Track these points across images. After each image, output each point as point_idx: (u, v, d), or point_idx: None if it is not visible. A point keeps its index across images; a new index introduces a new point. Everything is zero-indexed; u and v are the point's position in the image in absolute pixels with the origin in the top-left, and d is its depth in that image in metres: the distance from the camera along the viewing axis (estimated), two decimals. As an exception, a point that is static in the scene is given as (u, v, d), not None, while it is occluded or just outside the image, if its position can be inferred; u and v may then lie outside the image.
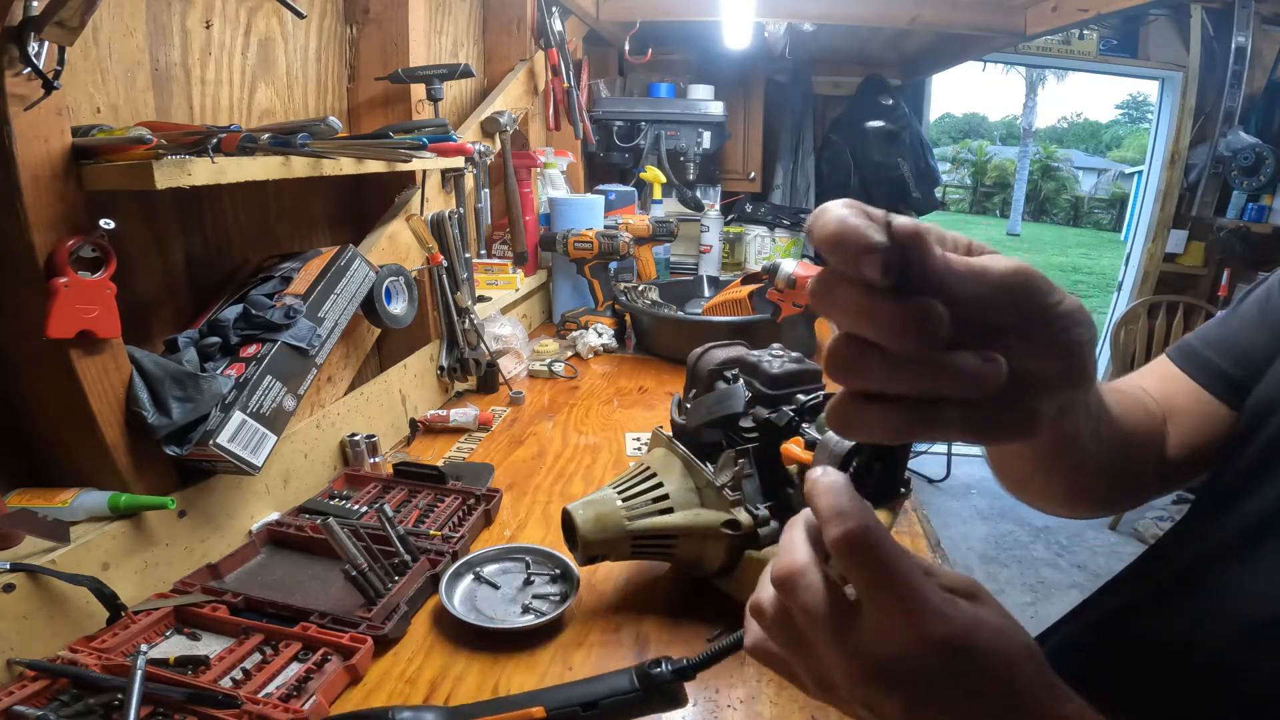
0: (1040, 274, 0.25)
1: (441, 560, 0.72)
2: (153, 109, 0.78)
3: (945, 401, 0.25)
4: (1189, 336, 0.54)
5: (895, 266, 0.22)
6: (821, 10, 2.19)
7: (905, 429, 0.25)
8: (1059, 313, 0.25)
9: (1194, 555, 0.46)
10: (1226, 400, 0.49)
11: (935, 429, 0.25)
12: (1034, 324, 0.25)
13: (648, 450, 0.76)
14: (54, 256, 0.58)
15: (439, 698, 0.58)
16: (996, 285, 0.24)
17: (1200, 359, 0.51)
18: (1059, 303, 0.25)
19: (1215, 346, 0.51)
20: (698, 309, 1.68)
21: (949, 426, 0.25)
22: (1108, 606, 0.54)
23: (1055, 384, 0.28)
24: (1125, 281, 3.44)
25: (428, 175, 1.15)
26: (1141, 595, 0.50)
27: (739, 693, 0.59)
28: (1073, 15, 2.06)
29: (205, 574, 0.68)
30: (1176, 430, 0.51)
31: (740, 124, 2.88)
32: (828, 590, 0.29)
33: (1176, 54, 3.06)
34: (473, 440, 1.09)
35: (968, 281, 0.23)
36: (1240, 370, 0.49)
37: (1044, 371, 0.27)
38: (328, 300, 0.84)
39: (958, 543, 2.77)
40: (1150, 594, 0.49)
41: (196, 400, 0.67)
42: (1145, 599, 0.49)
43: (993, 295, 0.24)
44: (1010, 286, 0.24)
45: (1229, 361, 0.50)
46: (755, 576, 0.64)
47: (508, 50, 1.70)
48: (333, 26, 1.11)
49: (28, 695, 0.51)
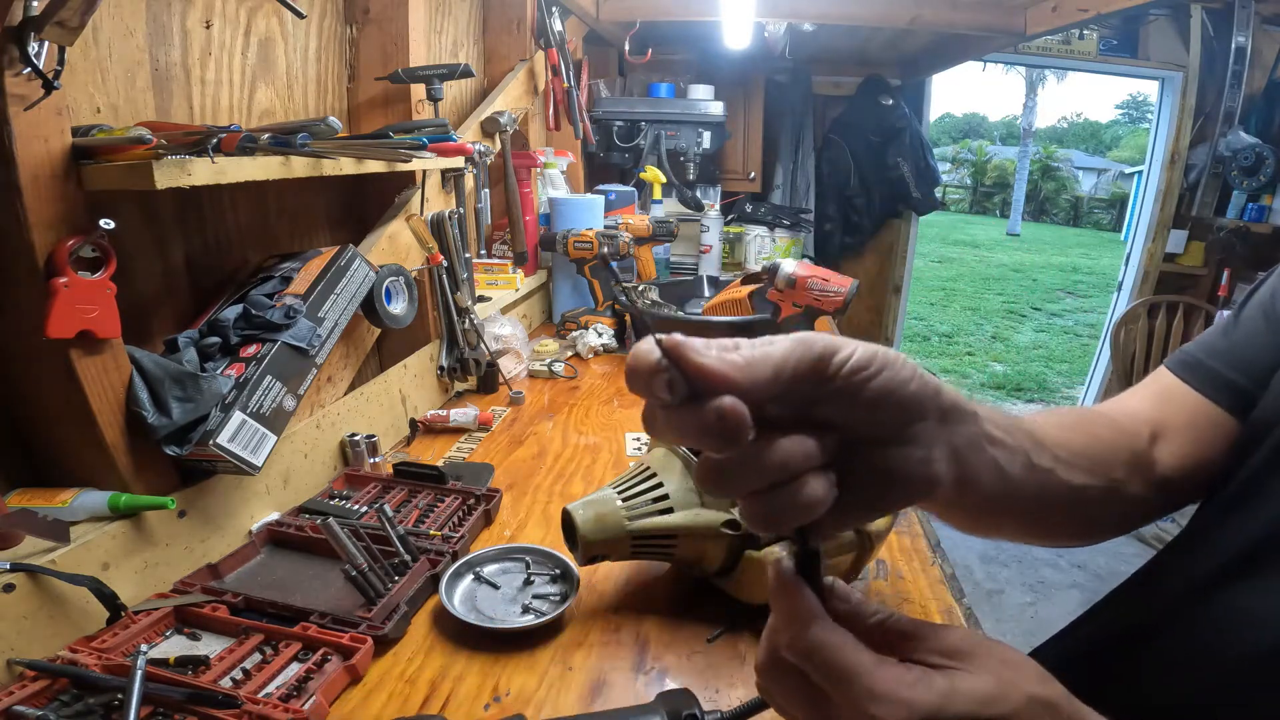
0: (824, 337, 0.27)
1: (441, 560, 0.72)
2: (153, 109, 0.78)
3: (794, 485, 0.27)
4: (1190, 347, 0.52)
5: (680, 382, 0.25)
6: (821, 10, 2.19)
7: (769, 519, 0.27)
8: (851, 366, 0.27)
9: (1204, 572, 0.45)
10: (1235, 411, 0.48)
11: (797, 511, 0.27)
12: (832, 384, 0.27)
13: (648, 450, 0.76)
14: (54, 256, 0.58)
15: (439, 697, 0.58)
16: (778, 363, 0.26)
17: (1205, 369, 0.50)
18: (847, 358, 0.27)
19: (1221, 356, 0.50)
20: (698, 309, 1.68)
21: (813, 505, 0.27)
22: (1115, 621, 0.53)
23: (894, 431, 0.29)
24: (1125, 281, 3.44)
25: (428, 175, 1.15)
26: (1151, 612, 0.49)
27: (739, 693, 0.59)
28: (1073, 15, 2.06)
29: (205, 574, 0.68)
30: (1177, 445, 0.49)
31: (740, 124, 2.88)
32: (799, 683, 0.30)
33: (1176, 54, 3.06)
34: (473, 440, 1.09)
35: (750, 370, 0.25)
36: (1248, 379, 0.48)
37: (872, 423, 0.29)
38: (328, 300, 0.84)
39: (957, 543, 2.76)
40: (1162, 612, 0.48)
41: (196, 400, 0.67)
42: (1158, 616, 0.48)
43: (776, 374, 0.26)
44: (792, 360, 0.26)
45: (1236, 371, 0.49)
46: (755, 576, 0.64)
47: (508, 50, 1.70)
48: (333, 26, 1.11)
49: (28, 695, 0.51)
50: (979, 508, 0.38)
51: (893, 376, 0.28)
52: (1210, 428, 0.49)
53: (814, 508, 0.27)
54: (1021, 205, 17.26)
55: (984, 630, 0.60)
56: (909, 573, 0.75)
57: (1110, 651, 0.51)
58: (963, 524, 0.41)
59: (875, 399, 0.28)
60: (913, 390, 0.29)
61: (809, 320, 1.41)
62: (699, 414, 0.25)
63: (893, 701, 0.26)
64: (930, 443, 0.31)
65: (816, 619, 0.29)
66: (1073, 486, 0.42)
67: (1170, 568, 0.50)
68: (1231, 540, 0.43)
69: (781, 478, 0.27)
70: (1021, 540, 0.47)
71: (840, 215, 3.39)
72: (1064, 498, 0.42)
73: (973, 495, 0.35)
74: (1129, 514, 0.48)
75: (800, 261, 1.39)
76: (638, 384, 0.26)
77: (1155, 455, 0.49)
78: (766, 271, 1.39)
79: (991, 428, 0.35)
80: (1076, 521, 0.46)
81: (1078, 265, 11.63)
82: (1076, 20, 2.11)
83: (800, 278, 1.34)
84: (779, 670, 0.30)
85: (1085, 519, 0.46)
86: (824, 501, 0.27)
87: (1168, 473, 0.48)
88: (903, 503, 0.32)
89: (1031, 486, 0.39)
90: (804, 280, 1.34)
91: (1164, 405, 0.51)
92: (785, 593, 0.30)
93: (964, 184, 21.32)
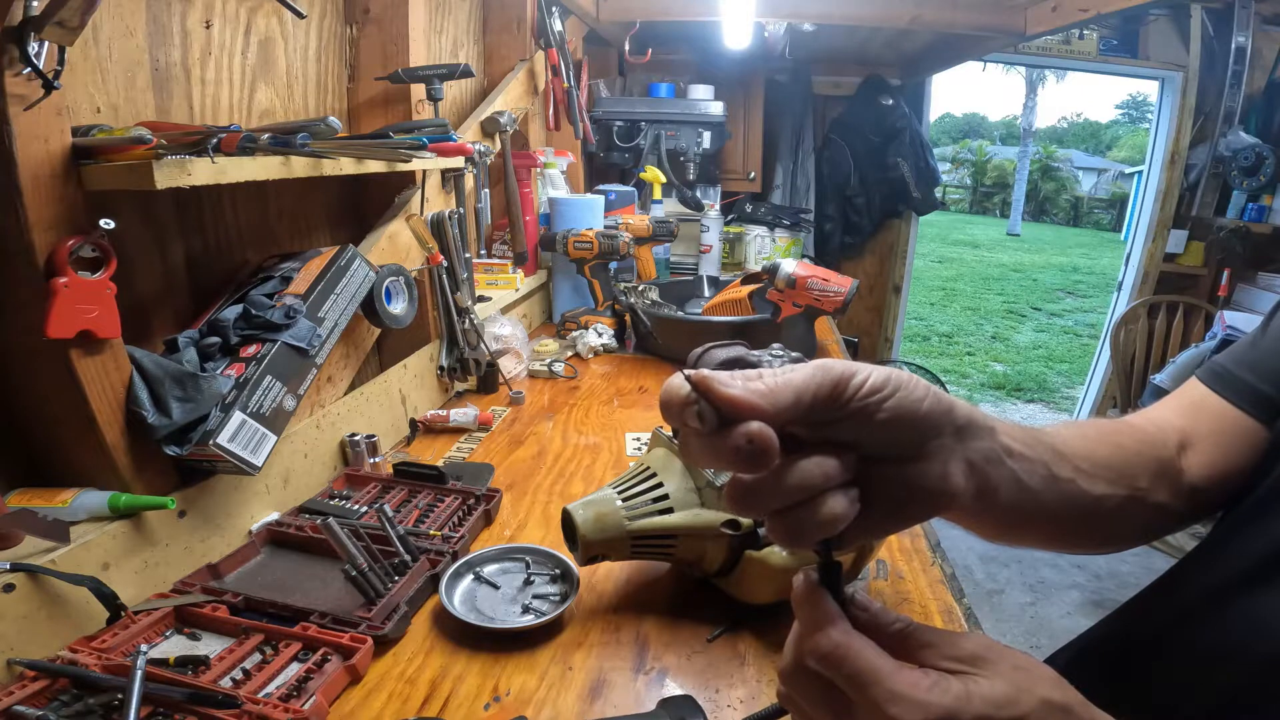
0: (841, 363, 0.30)
1: (441, 560, 0.72)
2: (153, 109, 0.78)
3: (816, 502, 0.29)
4: (1219, 357, 0.53)
5: (710, 413, 0.28)
6: (821, 10, 2.19)
7: (794, 535, 0.29)
8: (867, 389, 0.30)
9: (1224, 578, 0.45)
10: (1263, 419, 0.49)
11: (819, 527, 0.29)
12: (849, 407, 0.29)
13: (648, 450, 0.76)
14: (54, 256, 0.57)
15: (439, 698, 0.58)
16: (799, 389, 0.28)
17: (1233, 379, 0.51)
18: (863, 382, 0.30)
19: (1248, 366, 0.51)
20: (698, 309, 1.68)
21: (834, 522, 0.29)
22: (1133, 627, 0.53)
23: (911, 448, 0.32)
24: (1125, 281, 3.44)
25: (428, 175, 1.15)
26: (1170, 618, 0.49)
27: (739, 693, 0.59)
28: (1073, 15, 2.06)
29: (205, 574, 0.68)
30: (1206, 453, 0.50)
31: (740, 124, 2.88)
32: (822, 689, 0.31)
33: (1176, 54, 3.06)
34: (473, 440, 1.09)
35: (773, 396, 0.28)
36: (1275, 388, 0.48)
37: (890, 441, 0.31)
38: (328, 300, 0.84)
39: (958, 543, 2.76)
40: (1181, 617, 0.48)
41: (196, 400, 0.67)
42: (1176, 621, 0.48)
43: (798, 399, 0.28)
44: (812, 386, 0.29)
45: (1264, 379, 0.49)
46: (755, 576, 0.64)
47: (508, 50, 1.70)
48: (333, 26, 1.11)
49: (28, 695, 0.51)
50: (1002, 518, 0.39)
51: (906, 397, 0.30)
52: (1239, 436, 0.49)
53: (835, 524, 0.29)
54: (1021, 205, 17.27)
55: (984, 630, 0.60)
56: (909, 573, 0.75)
57: (1127, 657, 0.51)
58: (989, 534, 0.43)
59: (891, 419, 0.30)
60: (926, 409, 0.31)
61: (809, 320, 1.41)
62: (730, 439, 0.27)
63: (911, 703, 0.28)
64: (947, 458, 0.33)
65: (838, 625, 0.30)
66: (1095, 496, 0.43)
67: (1191, 574, 0.50)
68: (1253, 547, 0.43)
69: (804, 496, 0.29)
70: (1047, 548, 0.48)
71: (840, 215, 3.39)
72: (1086, 507, 0.43)
73: (994, 507, 0.36)
74: (1154, 522, 0.49)
75: (800, 261, 1.39)
76: (671, 416, 0.28)
77: (1183, 464, 0.49)
78: (766, 271, 1.39)
79: (1009, 441, 0.37)
80: (1101, 530, 0.47)
81: (1078, 265, 11.64)
82: (1076, 20, 2.11)
83: (800, 278, 1.34)
84: (803, 676, 0.32)
85: (1109, 528, 0.47)
86: (844, 518, 0.29)
87: (1196, 481, 0.49)
88: (923, 515, 0.34)
89: (1053, 497, 0.40)
90: (804, 280, 1.34)
91: (1193, 415, 0.52)
92: (809, 600, 0.31)
93: (964, 184, 21.32)
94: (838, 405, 0.29)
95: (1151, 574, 0.52)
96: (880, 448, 0.31)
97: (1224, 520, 0.49)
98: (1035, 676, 0.30)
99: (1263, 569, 0.42)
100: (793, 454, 0.29)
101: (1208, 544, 0.49)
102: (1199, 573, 0.49)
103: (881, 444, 0.31)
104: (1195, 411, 0.52)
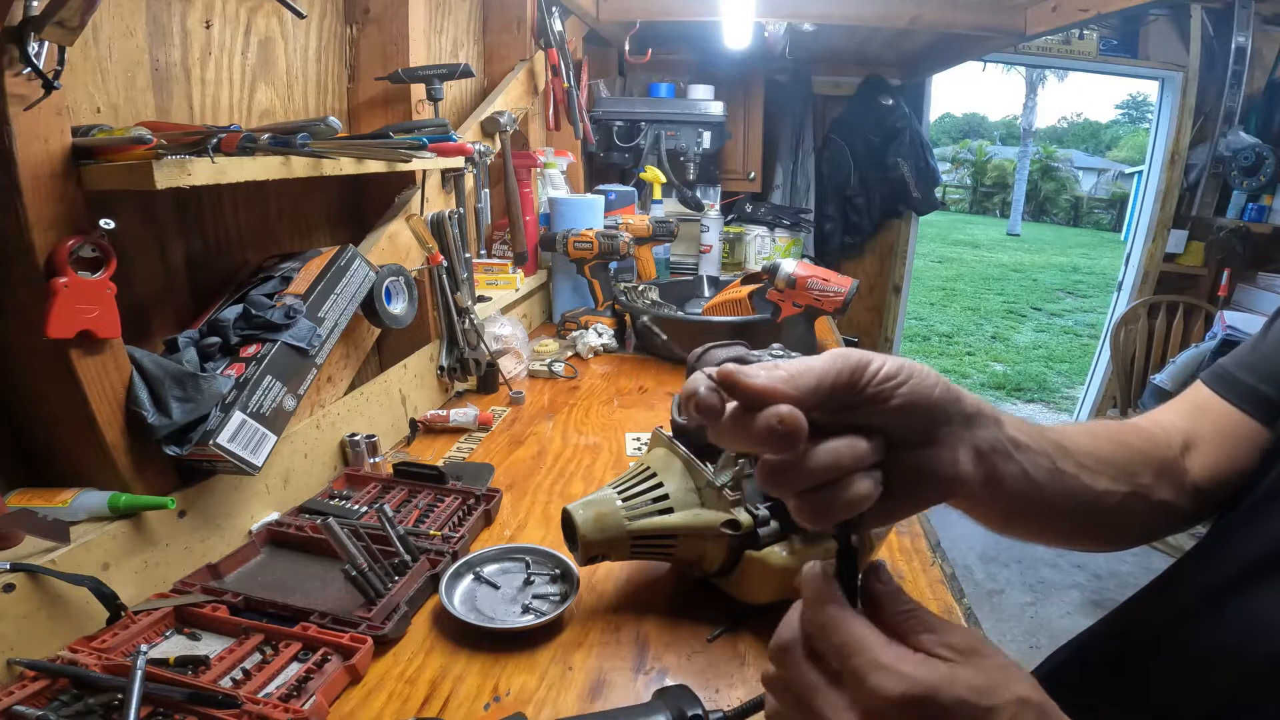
0: (857, 352, 0.31)
1: (441, 560, 0.72)
2: (153, 109, 0.78)
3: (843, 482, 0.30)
4: (1223, 360, 0.54)
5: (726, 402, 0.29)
6: (821, 10, 2.19)
7: (819, 512, 0.30)
8: (883, 375, 0.31)
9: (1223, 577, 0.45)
10: (1263, 420, 0.49)
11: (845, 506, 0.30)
12: (865, 392, 0.31)
13: (648, 450, 0.76)
14: (54, 256, 0.57)
15: (439, 698, 0.58)
16: (820, 374, 0.30)
17: (1233, 380, 0.52)
18: (878, 369, 0.31)
19: (1249, 368, 0.51)
20: (698, 309, 1.68)
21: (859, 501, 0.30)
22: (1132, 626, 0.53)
23: (924, 434, 0.33)
24: (1125, 281, 3.44)
25: (428, 175, 1.15)
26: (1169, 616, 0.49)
27: (739, 692, 0.59)
28: (1073, 15, 2.06)
29: (205, 574, 0.68)
30: (1209, 454, 0.50)
31: (740, 124, 2.88)
32: (812, 662, 0.32)
33: (1176, 54, 3.06)
34: (473, 440, 1.09)
35: (795, 382, 0.29)
36: (1276, 390, 0.49)
37: (903, 426, 0.32)
38: (328, 300, 0.84)
39: (958, 542, 2.76)
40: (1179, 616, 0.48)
41: (196, 400, 0.67)
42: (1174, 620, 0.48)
43: (819, 384, 0.30)
44: (832, 372, 0.30)
45: (1265, 381, 0.50)
46: (755, 576, 0.64)
47: (508, 50, 1.70)
48: (333, 26, 1.11)
49: (28, 695, 0.51)
50: (1008, 509, 0.40)
51: (919, 384, 0.32)
52: (1241, 438, 0.50)
53: (860, 503, 0.30)
54: (1021, 205, 17.26)
55: (984, 630, 0.60)
56: (909, 573, 0.75)
57: (1126, 656, 0.51)
58: (994, 524, 0.43)
59: (904, 405, 0.31)
60: (938, 396, 0.33)
61: (809, 320, 1.41)
62: (761, 421, 0.28)
63: (895, 674, 0.28)
64: (956, 444, 0.34)
65: (835, 599, 0.31)
66: (1098, 491, 0.44)
67: (1189, 574, 0.50)
68: (1251, 547, 0.44)
69: (834, 476, 0.30)
70: (1051, 543, 0.49)
71: (840, 215, 3.39)
72: (1089, 503, 0.44)
73: (1000, 496, 0.37)
74: (1157, 521, 0.49)
75: (800, 261, 1.39)
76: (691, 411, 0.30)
77: (1186, 464, 0.50)
78: (766, 271, 1.39)
79: (1015, 433, 0.38)
80: (1103, 526, 0.48)
81: (1078, 265, 11.63)
82: (1076, 20, 2.11)
83: (800, 278, 1.34)
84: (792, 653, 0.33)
85: (1112, 524, 0.48)
86: (870, 497, 0.30)
87: (1200, 481, 0.50)
88: (933, 500, 0.35)
89: (1057, 490, 0.41)
90: (804, 280, 1.34)
91: (1197, 416, 0.52)
92: (811, 579, 0.32)
93: (964, 184, 21.31)
94: (855, 391, 0.31)
95: (1151, 574, 0.52)
96: (894, 433, 0.32)
97: (1223, 520, 0.49)
98: (1014, 676, 0.31)
99: (1261, 568, 0.42)
100: (817, 436, 0.30)
101: (1206, 544, 0.50)
102: (1197, 572, 0.49)
103: (895, 429, 0.32)
104: (1198, 413, 0.53)
